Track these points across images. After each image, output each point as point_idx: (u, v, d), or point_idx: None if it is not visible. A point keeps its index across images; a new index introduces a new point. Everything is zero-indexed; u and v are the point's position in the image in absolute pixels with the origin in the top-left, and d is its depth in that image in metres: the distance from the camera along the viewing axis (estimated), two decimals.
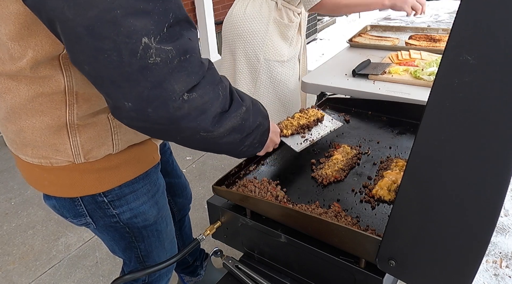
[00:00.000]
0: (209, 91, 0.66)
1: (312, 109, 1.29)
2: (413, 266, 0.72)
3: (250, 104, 0.79)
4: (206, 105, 0.66)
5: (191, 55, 0.62)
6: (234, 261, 1.03)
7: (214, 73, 0.69)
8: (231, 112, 0.72)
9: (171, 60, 0.60)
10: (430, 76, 1.64)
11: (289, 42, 1.86)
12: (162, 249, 1.21)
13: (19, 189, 2.79)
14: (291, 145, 1.15)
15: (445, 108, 0.58)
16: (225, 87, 0.71)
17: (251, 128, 0.80)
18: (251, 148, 0.85)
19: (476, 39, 0.52)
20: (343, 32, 6.20)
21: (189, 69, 0.62)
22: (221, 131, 0.72)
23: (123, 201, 1.00)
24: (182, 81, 0.62)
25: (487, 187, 0.58)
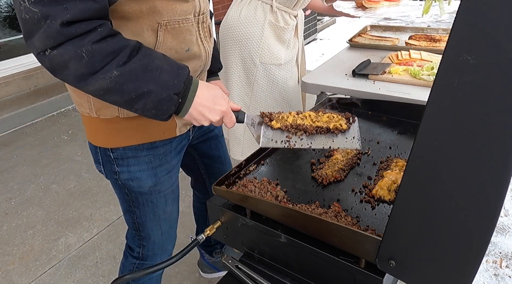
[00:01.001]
0: (69, 52, 0.77)
1: (334, 115, 1.07)
2: (413, 266, 0.71)
3: (132, 71, 0.84)
4: (67, 63, 0.79)
5: (51, 21, 0.75)
6: (234, 261, 1.03)
7: (90, 40, 0.79)
8: (100, 74, 0.81)
9: (36, 20, 0.75)
10: (430, 76, 1.64)
11: (286, 45, 1.85)
12: (157, 225, 1.27)
13: (19, 189, 2.79)
14: (255, 134, 1.03)
15: (445, 108, 0.58)
16: (95, 52, 0.79)
17: (133, 93, 0.85)
18: (149, 113, 0.90)
19: (476, 39, 0.52)
20: (343, 32, 6.20)
21: (47, 32, 0.75)
22: (91, 89, 0.84)
23: (125, 162, 1.13)
24: (41, 40, 0.76)
25: (487, 187, 0.58)
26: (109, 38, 0.82)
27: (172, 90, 0.89)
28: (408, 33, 2.44)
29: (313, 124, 1.04)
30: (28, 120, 3.79)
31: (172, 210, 1.29)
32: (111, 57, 0.82)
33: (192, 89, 0.93)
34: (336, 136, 1.02)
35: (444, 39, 2.18)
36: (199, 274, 1.99)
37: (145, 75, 0.85)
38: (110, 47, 0.82)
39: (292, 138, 1.02)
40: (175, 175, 1.26)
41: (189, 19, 1.03)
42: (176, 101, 0.90)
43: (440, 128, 0.59)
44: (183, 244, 1.11)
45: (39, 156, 3.22)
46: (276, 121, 1.05)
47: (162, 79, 0.87)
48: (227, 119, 1.00)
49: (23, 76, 4.09)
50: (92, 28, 0.80)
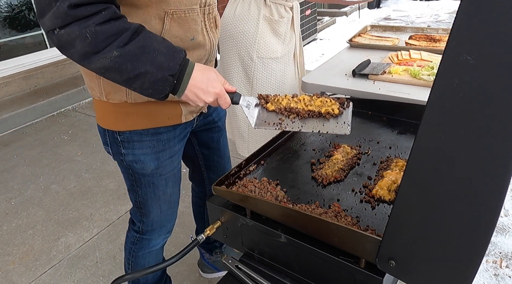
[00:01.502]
0: (75, 31, 0.84)
1: (327, 100, 1.09)
2: (413, 266, 0.71)
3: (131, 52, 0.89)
4: (73, 41, 0.86)
5: (60, 3, 0.82)
6: (234, 261, 1.03)
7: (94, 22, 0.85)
8: (101, 54, 0.88)
9: (48, 1, 0.83)
10: (430, 76, 1.64)
11: (282, 39, 1.85)
12: (157, 204, 1.34)
13: (19, 189, 2.79)
14: (249, 116, 1.05)
15: (445, 108, 0.58)
16: (98, 33, 0.86)
17: (131, 72, 0.91)
18: (146, 92, 0.96)
19: (476, 39, 0.52)
20: (343, 32, 6.20)
21: (56, 13, 0.82)
22: (93, 67, 0.90)
23: (130, 145, 1.19)
24: (50, 20, 0.84)
25: (487, 187, 0.58)
26: (112, 21, 0.88)
27: (167, 72, 0.93)
28: (408, 33, 2.44)
29: (305, 108, 1.06)
30: (28, 120, 3.79)
31: (173, 192, 1.35)
32: (112, 39, 0.87)
33: (187, 72, 0.97)
34: (327, 120, 1.05)
35: (444, 39, 2.18)
36: (199, 274, 1.99)
37: (142, 57, 0.91)
38: (113, 30, 0.87)
39: (284, 121, 1.05)
40: (177, 159, 1.31)
41: (195, 9, 1.08)
42: (171, 82, 0.95)
43: (440, 128, 0.59)
44: (183, 244, 1.12)
45: (39, 156, 3.22)
46: (271, 103, 1.07)
47: (158, 61, 0.92)
48: (222, 100, 1.03)
49: (23, 76, 4.09)
50: (97, 11, 0.86)
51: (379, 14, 7.47)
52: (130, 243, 1.44)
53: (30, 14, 4.30)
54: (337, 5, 7.55)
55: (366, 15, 7.29)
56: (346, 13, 7.16)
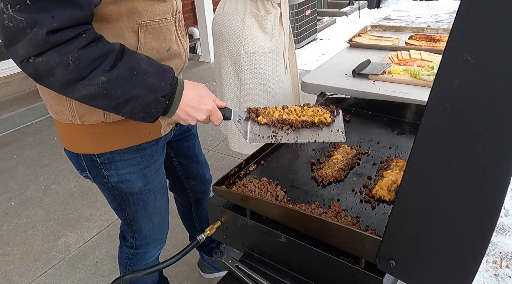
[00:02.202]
0: (55, 59, 0.76)
1: (318, 109, 1.09)
2: (413, 266, 0.71)
3: (120, 76, 0.83)
4: (52, 69, 0.77)
5: (38, 29, 0.73)
6: (234, 261, 1.03)
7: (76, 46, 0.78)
8: (86, 81, 0.80)
9: (21, 28, 0.72)
10: (430, 76, 1.64)
11: (269, 34, 1.85)
12: (148, 220, 1.30)
13: (19, 189, 2.79)
14: (242, 131, 1.03)
15: (445, 108, 0.58)
16: (81, 58, 0.78)
17: (121, 98, 0.85)
18: (136, 116, 0.91)
19: (476, 39, 0.52)
20: (343, 32, 6.20)
21: (32, 40, 0.73)
22: (78, 95, 0.83)
23: (113, 165, 1.12)
24: (25, 48, 0.74)
25: (487, 187, 0.58)
26: (93, 43, 0.81)
27: (159, 93, 0.89)
28: (408, 33, 2.44)
29: (298, 118, 1.05)
30: (28, 120, 3.79)
31: (162, 203, 1.32)
32: (97, 63, 0.81)
33: (178, 91, 0.94)
34: (321, 129, 1.04)
35: (444, 39, 2.18)
36: (199, 274, 1.99)
37: (132, 80, 0.85)
38: (96, 53, 0.81)
39: (278, 133, 1.03)
40: (163, 171, 1.29)
41: (168, 19, 1.04)
42: (164, 103, 0.91)
43: (440, 128, 0.59)
44: (183, 244, 1.12)
45: (39, 156, 3.22)
46: (262, 116, 1.06)
47: (149, 82, 0.87)
48: (214, 117, 1.01)
49: (23, 76, 4.09)
50: (77, 34, 0.78)
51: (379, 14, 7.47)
52: (125, 258, 1.40)
53: None
54: (337, 5, 7.55)
55: (366, 15, 7.28)
56: (346, 13, 7.16)
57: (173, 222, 2.35)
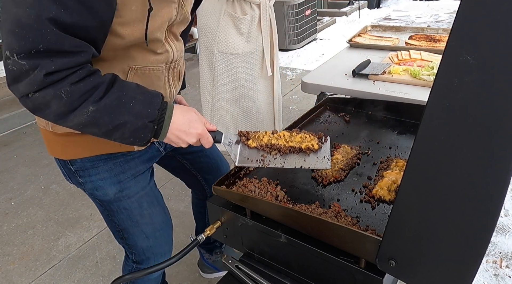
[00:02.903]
0: (50, 93, 0.83)
1: (306, 136, 1.13)
2: (413, 266, 0.71)
3: (107, 105, 0.88)
4: (48, 102, 0.84)
5: (38, 71, 0.81)
6: (234, 261, 1.03)
7: (69, 82, 0.84)
8: (77, 111, 0.87)
9: (25, 71, 0.81)
10: (430, 76, 1.64)
11: (245, 36, 1.84)
12: (138, 230, 1.26)
13: (19, 189, 2.79)
14: (232, 154, 1.07)
15: (445, 108, 0.58)
16: (73, 92, 0.85)
17: (110, 125, 0.90)
18: (127, 141, 0.95)
19: (476, 39, 0.52)
20: (343, 32, 6.20)
21: (32, 80, 0.81)
22: (70, 125, 0.89)
23: (86, 172, 1.15)
24: (25, 86, 0.83)
25: (487, 187, 0.58)
26: (87, 78, 0.87)
27: (146, 119, 0.92)
28: (408, 33, 2.44)
29: (286, 144, 1.09)
30: (28, 120, 3.79)
31: (152, 213, 1.27)
32: (88, 95, 0.86)
33: (167, 115, 0.96)
34: (308, 156, 1.08)
35: (444, 39, 2.18)
36: (199, 274, 1.99)
37: (119, 108, 0.89)
38: (87, 86, 0.86)
39: (266, 157, 1.07)
40: (145, 179, 1.25)
41: (160, 67, 1.08)
42: (152, 128, 0.94)
43: (440, 128, 0.59)
44: (183, 244, 1.11)
45: (39, 156, 3.22)
46: (252, 140, 1.09)
47: (136, 109, 0.91)
48: (204, 140, 1.04)
49: None
50: (73, 72, 0.85)
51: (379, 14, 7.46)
52: (128, 271, 1.38)
53: None
54: (337, 5, 7.55)
55: (366, 15, 7.28)
56: (346, 13, 7.16)
57: (173, 221, 2.35)
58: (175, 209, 2.44)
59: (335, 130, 1.37)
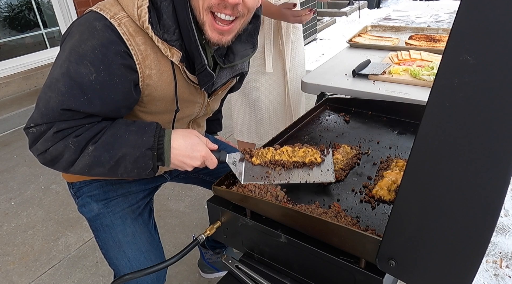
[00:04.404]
0: (61, 146, 0.94)
1: (309, 150, 1.14)
2: (413, 266, 0.71)
3: (104, 142, 0.95)
4: (62, 152, 0.95)
5: (51, 130, 0.93)
6: (234, 261, 1.03)
7: (74, 135, 0.95)
8: (82, 155, 0.95)
9: (42, 132, 0.94)
10: (430, 76, 1.64)
11: None
12: (120, 252, 1.17)
13: (19, 189, 2.79)
14: (237, 172, 1.07)
15: (445, 108, 0.58)
16: (79, 141, 0.94)
17: (111, 161, 0.96)
18: (133, 174, 0.99)
19: (476, 39, 0.52)
20: (343, 32, 6.21)
21: (46, 138, 0.94)
22: (78, 170, 0.96)
23: (80, 192, 1.23)
24: (42, 144, 0.94)
25: (487, 187, 0.58)
26: (90, 128, 0.96)
27: (143, 147, 0.96)
28: (408, 33, 2.44)
29: (290, 159, 1.11)
30: None
31: (135, 231, 1.19)
32: (91, 140, 0.95)
33: (166, 140, 0.99)
34: (311, 170, 1.10)
35: (444, 39, 2.18)
36: (199, 274, 1.99)
37: (116, 142, 0.95)
38: (91, 133, 0.95)
39: (271, 173, 1.08)
40: (135, 198, 1.25)
41: (167, 125, 1.14)
42: (151, 155, 0.97)
43: (440, 128, 0.59)
44: (183, 244, 1.11)
45: None
46: (256, 157, 1.11)
47: (131, 140, 0.96)
48: (208, 162, 1.05)
49: (23, 76, 4.09)
50: (78, 128, 0.95)
51: (379, 14, 7.46)
52: None
53: (30, 14, 4.30)
54: (337, 5, 7.55)
55: (366, 15, 7.28)
56: (346, 13, 7.16)
57: (173, 221, 2.35)
58: (175, 209, 2.44)
59: (335, 130, 1.37)
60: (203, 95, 1.13)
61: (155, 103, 1.04)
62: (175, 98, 1.05)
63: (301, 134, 1.36)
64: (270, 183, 1.05)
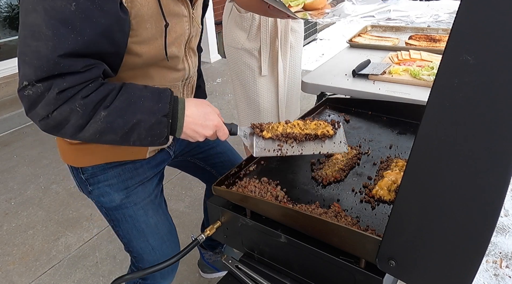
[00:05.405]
0: (66, 110, 0.85)
1: (320, 122, 1.14)
2: (413, 266, 0.71)
3: (118, 107, 0.89)
4: (68, 118, 0.87)
5: (52, 90, 0.83)
6: (234, 261, 1.03)
7: (81, 95, 0.87)
8: (92, 120, 0.88)
9: (40, 92, 0.83)
10: (430, 76, 1.64)
11: (247, 33, 1.88)
12: (144, 241, 1.23)
13: (19, 189, 2.79)
14: (248, 145, 1.05)
15: (445, 108, 0.58)
16: (87, 104, 0.86)
17: (125, 127, 0.90)
18: (146, 142, 0.94)
19: (476, 39, 0.52)
20: (343, 32, 6.20)
21: (47, 100, 0.84)
22: (88, 136, 0.89)
23: (95, 179, 1.16)
24: (43, 108, 0.85)
25: (487, 187, 0.58)
26: (98, 89, 0.88)
27: (159, 114, 0.92)
28: (408, 33, 2.44)
29: (302, 132, 1.09)
30: (28, 121, 3.77)
31: (158, 222, 1.26)
32: (100, 104, 0.88)
33: (180, 108, 0.96)
34: (324, 142, 1.08)
35: (444, 39, 2.18)
36: (199, 274, 1.99)
37: (130, 108, 0.90)
38: (99, 96, 0.88)
39: (283, 146, 1.06)
40: (151, 185, 1.25)
41: (177, 85, 1.10)
42: (166, 122, 0.93)
43: (440, 128, 0.59)
44: (183, 244, 1.11)
45: (39, 156, 3.22)
46: (267, 131, 1.09)
47: (146, 106, 0.91)
48: (220, 132, 1.03)
49: None
50: (84, 86, 0.87)
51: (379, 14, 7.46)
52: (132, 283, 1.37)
53: None
54: None
55: None
56: None
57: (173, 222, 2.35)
58: (175, 209, 2.44)
59: None
60: (187, 5, 1.06)
61: (145, 25, 0.97)
62: (161, 12, 0.98)
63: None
64: (283, 155, 1.03)
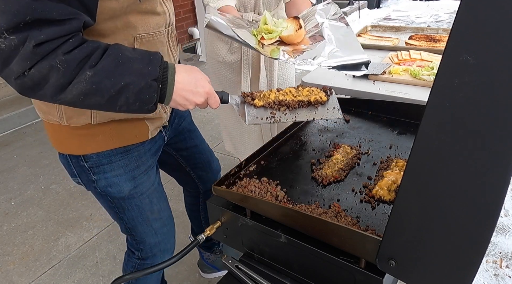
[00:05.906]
0: (45, 66, 0.78)
1: (313, 89, 1.10)
2: (413, 266, 0.71)
3: (105, 67, 0.83)
4: (46, 77, 0.79)
5: (27, 43, 0.75)
6: (234, 261, 1.03)
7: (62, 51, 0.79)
8: (76, 80, 0.81)
9: (14, 46, 0.75)
10: (430, 76, 1.64)
11: (228, 45, 1.82)
12: (148, 227, 1.28)
13: (19, 189, 2.79)
14: (240, 113, 1.01)
15: (445, 108, 0.58)
16: (69, 61, 0.79)
17: (112, 89, 0.84)
18: (134, 107, 0.89)
19: (476, 39, 0.52)
20: None
21: (23, 55, 0.76)
22: (70, 97, 0.83)
23: (100, 169, 1.12)
24: (18, 63, 0.77)
25: (487, 187, 0.58)
26: (80, 45, 0.82)
27: (149, 77, 0.87)
28: (408, 33, 2.44)
29: (294, 99, 1.06)
30: (28, 120, 3.79)
31: (161, 208, 1.29)
32: (84, 62, 0.82)
33: (170, 74, 0.92)
34: (317, 108, 1.06)
35: (444, 39, 2.18)
36: (199, 274, 1.99)
37: (118, 69, 0.84)
38: (83, 53, 0.82)
39: (276, 114, 1.04)
40: (154, 174, 1.26)
41: (161, 31, 1.06)
42: (156, 87, 0.89)
43: (440, 128, 0.59)
44: (183, 244, 1.11)
45: (39, 156, 3.22)
46: (258, 99, 1.06)
47: (136, 68, 0.86)
48: (211, 100, 1.00)
49: None
50: (64, 41, 0.80)
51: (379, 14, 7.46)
52: (131, 267, 1.39)
53: None
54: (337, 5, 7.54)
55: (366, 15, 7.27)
56: (346, 13, 7.16)
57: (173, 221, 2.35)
58: (175, 209, 2.44)
59: (335, 131, 1.37)
60: None
61: None
62: None
63: (301, 134, 1.36)
64: (276, 123, 1.01)
